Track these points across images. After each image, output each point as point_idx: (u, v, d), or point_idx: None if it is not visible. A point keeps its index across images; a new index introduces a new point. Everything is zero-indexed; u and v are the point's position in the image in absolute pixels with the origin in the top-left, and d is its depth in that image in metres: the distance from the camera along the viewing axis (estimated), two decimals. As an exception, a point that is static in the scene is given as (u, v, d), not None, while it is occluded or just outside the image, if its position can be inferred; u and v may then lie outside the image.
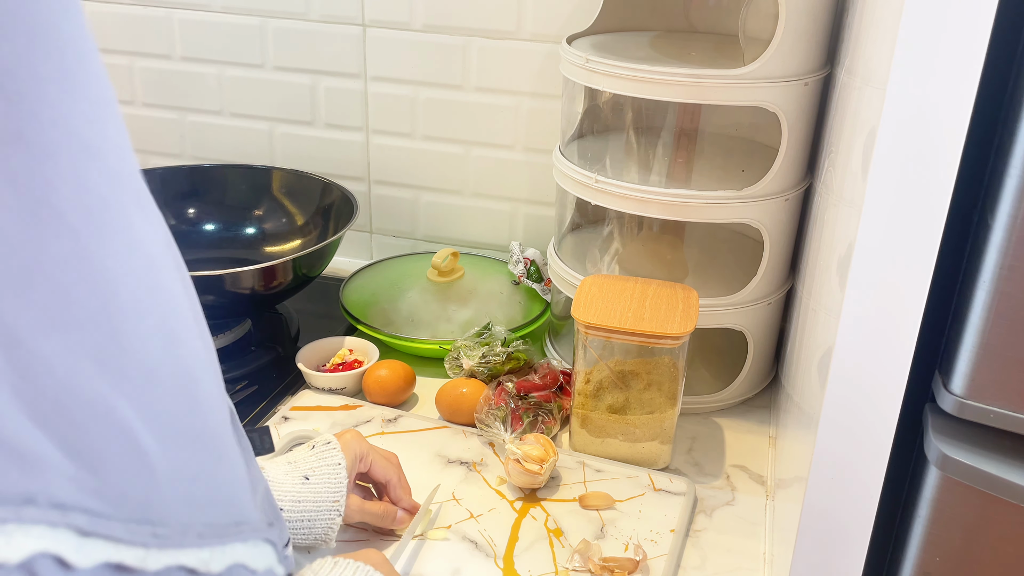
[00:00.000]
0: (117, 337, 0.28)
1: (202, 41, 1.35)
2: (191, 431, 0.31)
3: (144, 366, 0.29)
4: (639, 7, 1.14)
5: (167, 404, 0.30)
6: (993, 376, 0.61)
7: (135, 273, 0.29)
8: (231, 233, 1.32)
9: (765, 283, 1.01)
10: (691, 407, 1.05)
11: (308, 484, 0.75)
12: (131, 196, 0.30)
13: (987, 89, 0.53)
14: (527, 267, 1.22)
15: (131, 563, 0.27)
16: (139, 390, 0.29)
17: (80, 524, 0.25)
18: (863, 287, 0.57)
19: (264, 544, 0.34)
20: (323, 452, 0.78)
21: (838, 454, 0.62)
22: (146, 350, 0.29)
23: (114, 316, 0.28)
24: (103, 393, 0.27)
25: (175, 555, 0.28)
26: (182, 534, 0.29)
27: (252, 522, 0.34)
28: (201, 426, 0.32)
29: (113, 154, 0.29)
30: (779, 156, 0.94)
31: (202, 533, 0.30)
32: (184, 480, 0.30)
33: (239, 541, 0.32)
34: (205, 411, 0.32)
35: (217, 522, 0.31)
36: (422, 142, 1.31)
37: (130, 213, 0.30)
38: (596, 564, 0.79)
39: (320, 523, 0.75)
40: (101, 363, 0.27)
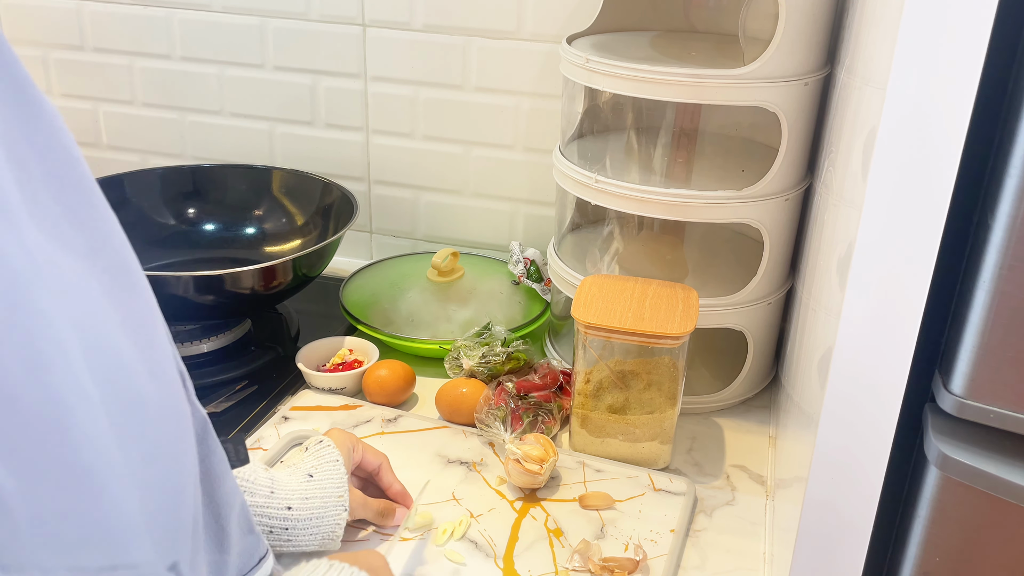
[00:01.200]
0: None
1: (202, 41, 1.35)
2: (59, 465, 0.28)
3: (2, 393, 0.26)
4: (639, 7, 1.14)
5: (28, 436, 0.27)
6: (993, 376, 0.61)
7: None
8: (231, 233, 1.32)
9: (765, 283, 1.01)
10: (691, 407, 1.05)
11: (313, 481, 0.75)
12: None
13: (987, 89, 0.53)
14: (527, 267, 1.22)
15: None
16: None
17: None
18: (863, 287, 0.57)
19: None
20: (320, 451, 0.78)
21: (838, 454, 0.62)
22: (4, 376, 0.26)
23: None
24: None
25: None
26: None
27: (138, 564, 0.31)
28: (73, 460, 0.28)
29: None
30: (779, 156, 0.94)
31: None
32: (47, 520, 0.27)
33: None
34: (79, 443, 0.29)
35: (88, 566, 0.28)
36: (422, 142, 1.31)
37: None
38: (596, 564, 0.79)
39: (328, 520, 0.75)
40: None
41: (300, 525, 0.74)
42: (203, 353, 1.12)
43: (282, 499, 0.74)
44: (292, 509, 0.74)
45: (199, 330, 1.13)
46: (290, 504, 0.74)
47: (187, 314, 1.11)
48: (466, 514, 0.86)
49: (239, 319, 1.18)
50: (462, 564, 0.80)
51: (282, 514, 0.74)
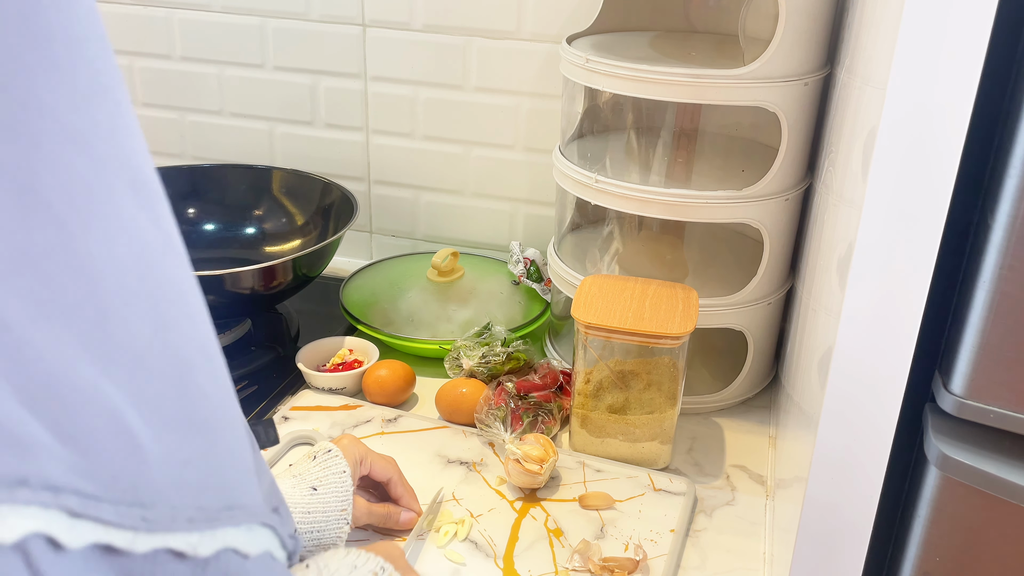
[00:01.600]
0: (104, 323, 0.28)
1: (202, 41, 1.35)
2: (182, 416, 0.31)
3: (132, 352, 0.29)
4: (639, 7, 1.14)
5: (157, 389, 0.30)
6: (993, 376, 0.61)
7: (123, 259, 0.29)
8: (231, 233, 1.32)
9: (765, 283, 1.01)
10: (691, 407, 1.05)
11: (316, 495, 0.75)
12: (123, 182, 0.30)
13: (987, 89, 0.53)
14: (527, 267, 1.22)
15: (120, 545, 0.27)
16: (128, 375, 0.29)
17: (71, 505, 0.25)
18: (863, 287, 0.57)
19: (261, 528, 0.34)
20: (326, 461, 0.78)
21: (838, 454, 0.62)
22: (134, 336, 0.29)
23: (100, 303, 0.28)
24: (91, 378, 0.27)
25: (163, 538, 0.29)
26: (171, 518, 0.29)
27: (248, 507, 0.34)
28: (193, 412, 0.32)
29: (103, 141, 0.29)
30: (779, 156, 0.94)
31: (192, 517, 0.30)
32: (174, 464, 0.30)
33: (231, 525, 0.32)
34: (197, 397, 0.32)
35: (208, 506, 0.31)
36: (422, 142, 1.31)
37: (119, 200, 0.30)
38: (596, 564, 0.79)
39: (329, 533, 0.75)
40: (89, 349, 0.27)
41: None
42: (203, 353, 1.12)
43: None
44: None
45: (199, 330, 1.13)
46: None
47: (187, 314, 1.11)
48: (467, 514, 0.86)
49: (239, 319, 1.18)
50: (462, 564, 0.80)
51: None
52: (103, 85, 0.30)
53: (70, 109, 0.28)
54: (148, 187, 0.32)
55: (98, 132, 0.29)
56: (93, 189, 0.29)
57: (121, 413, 0.28)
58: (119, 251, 0.29)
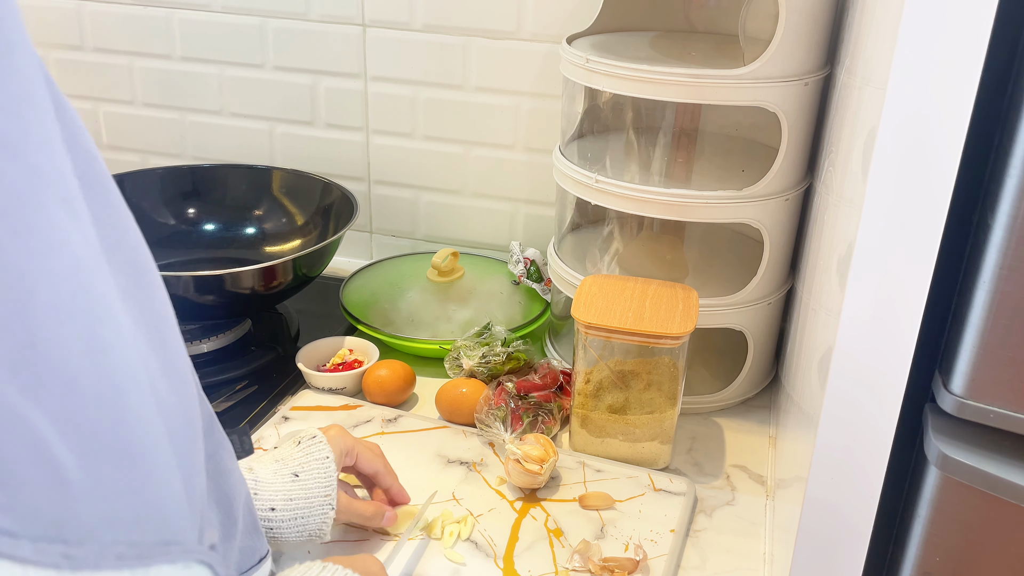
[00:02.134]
0: (33, 343, 0.26)
1: (202, 41, 1.35)
2: (115, 445, 0.29)
3: (63, 375, 0.27)
4: (639, 7, 1.14)
5: (88, 416, 0.28)
6: (993, 376, 0.61)
7: (55, 276, 0.28)
8: (231, 233, 1.32)
9: (765, 283, 1.01)
10: (691, 407, 1.05)
11: (298, 481, 0.74)
12: (55, 195, 0.29)
13: (987, 89, 0.53)
14: (527, 267, 1.22)
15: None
16: (56, 400, 0.27)
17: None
18: (863, 287, 0.57)
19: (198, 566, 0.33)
20: (310, 447, 0.77)
21: (838, 454, 0.62)
22: (65, 358, 0.28)
23: (29, 321, 0.26)
24: (15, 402, 0.26)
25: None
26: (99, 555, 0.28)
27: (184, 542, 0.32)
28: (128, 439, 0.30)
29: (34, 151, 0.28)
30: (779, 156, 0.94)
31: (121, 554, 0.28)
32: (104, 497, 0.28)
33: (166, 563, 0.31)
34: (133, 424, 0.30)
35: (141, 541, 0.30)
36: (422, 142, 1.31)
37: (52, 213, 0.28)
38: (596, 564, 0.79)
39: (314, 519, 0.75)
40: (14, 371, 0.26)
41: (284, 525, 0.73)
42: (203, 353, 1.12)
43: (265, 500, 0.73)
44: (275, 510, 0.73)
45: (199, 330, 1.13)
46: (273, 505, 0.73)
47: (187, 314, 1.11)
48: (468, 513, 0.86)
49: (239, 319, 1.18)
50: (462, 564, 0.80)
51: (265, 515, 0.73)
52: (32, 94, 0.29)
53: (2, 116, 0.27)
54: (77, 201, 0.30)
55: (28, 141, 0.28)
56: (25, 200, 0.27)
57: (46, 442, 0.26)
58: (52, 266, 0.28)
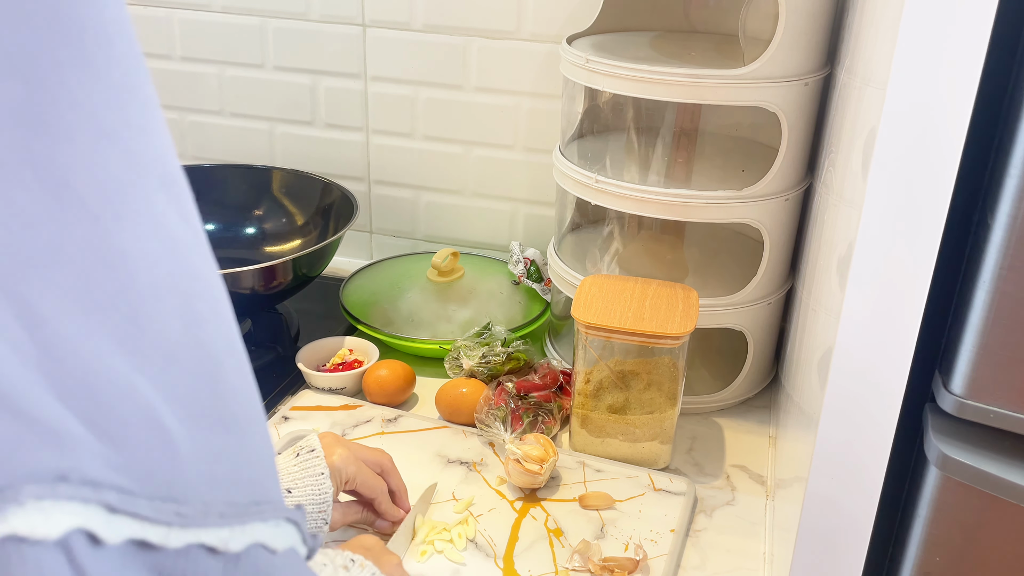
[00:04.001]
0: (136, 319, 0.28)
1: (202, 41, 1.35)
2: (213, 412, 0.31)
3: (164, 347, 0.29)
4: (639, 7, 1.14)
5: (188, 385, 0.30)
6: (993, 376, 0.61)
7: (155, 255, 0.30)
8: (231, 233, 1.32)
9: (765, 283, 1.01)
10: (691, 407, 1.05)
11: (291, 497, 0.75)
12: (154, 180, 0.30)
13: (987, 89, 0.53)
14: (527, 267, 1.22)
15: (155, 540, 0.27)
16: (160, 371, 0.29)
17: (110, 501, 0.26)
18: (863, 287, 0.57)
19: (286, 524, 0.34)
20: (307, 462, 0.77)
21: (838, 454, 0.62)
22: (166, 332, 0.29)
23: (133, 298, 0.28)
24: (126, 373, 0.28)
25: (196, 533, 0.29)
26: (204, 513, 0.29)
27: (274, 502, 0.34)
28: (223, 407, 0.32)
29: (134, 137, 0.30)
30: (779, 156, 0.94)
31: (223, 512, 0.30)
32: (206, 460, 0.30)
33: (259, 520, 0.32)
34: (227, 393, 0.32)
35: (238, 501, 0.31)
36: (422, 142, 1.31)
37: (151, 196, 0.30)
38: (596, 564, 0.79)
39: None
40: (122, 344, 0.28)
41: None
42: (203, 353, 1.12)
43: None
44: None
45: (199, 330, 1.13)
46: None
47: (187, 314, 1.11)
48: (468, 514, 0.86)
49: (239, 319, 1.17)
50: (462, 564, 0.80)
51: None
52: (133, 82, 0.30)
53: (102, 105, 0.28)
54: (177, 184, 0.32)
55: (130, 128, 0.29)
56: (125, 185, 0.29)
57: (155, 409, 0.28)
58: (151, 246, 0.29)
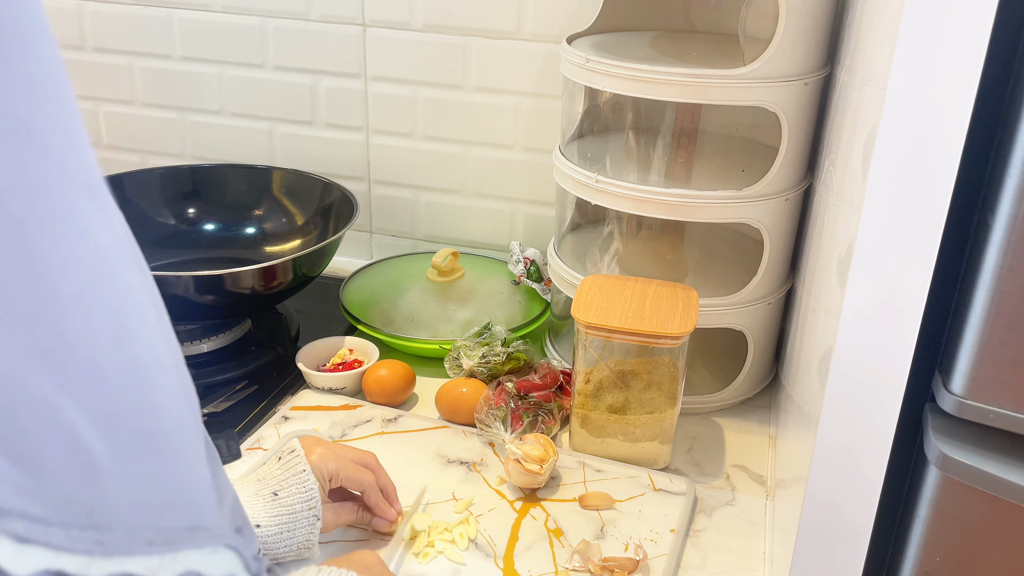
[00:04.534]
0: (61, 332, 0.27)
1: (202, 41, 1.35)
2: (143, 432, 0.29)
3: (91, 363, 0.28)
4: (639, 7, 1.14)
5: (116, 403, 0.28)
6: (993, 376, 0.61)
7: (81, 265, 0.28)
8: (231, 233, 1.32)
9: (765, 283, 1.01)
10: (691, 407, 1.05)
11: (278, 499, 0.74)
12: (79, 185, 0.29)
13: (987, 89, 0.53)
14: (527, 267, 1.22)
15: (72, 571, 0.26)
16: (85, 388, 0.27)
17: (17, 530, 0.24)
18: (863, 287, 0.57)
19: (225, 550, 0.33)
20: (289, 462, 0.77)
21: (838, 454, 0.62)
22: (93, 347, 0.28)
23: (57, 310, 0.27)
24: (45, 392, 0.26)
25: (121, 563, 0.27)
26: (129, 541, 0.28)
27: (211, 527, 0.32)
28: (154, 427, 0.30)
29: (56, 140, 0.28)
30: (779, 156, 0.94)
31: (151, 540, 0.29)
32: (134, 483, 0.29)
33: (194, 548, 0.31)
34: (159, 412, 0.30)
35: (170, 527, 0.30)
36: (422, 142, 1.31)
37: (77, 202, 0.28)
38: (596, 564, 0.79)
39: (300, 531, 0.74)
40: (43, 360, 0.26)
41: (272, 540, 0.73)
42: (203, 353, 1.12)
43: (250, 519, 0.72)
44: (260, 527, 0.73)
45: (199, 330, 1.13)
46: (258, 523, 0.73)
47: (187, 314, 1.11)
48: (468, 514, 0.86)
49: (239, 319, 1.18)
50: (462, 564, 0.80)
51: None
52: (55, 81, 0.29)
53: (24, 106, 0.27)
54: (100, 190, 0.30)
55: (52, 130, 0.28)
56: (49, 189, 0.27)
57: (77, 430, 0.26)
58: (79, 255, 0.28)
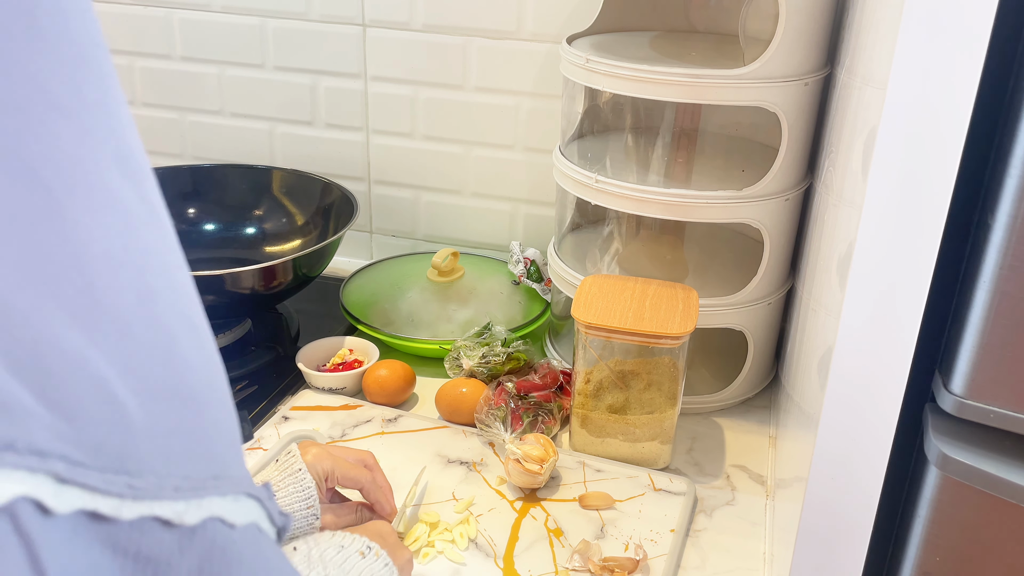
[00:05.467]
0: (89, 291, 0.28)
1: (202, 41, 1.35)
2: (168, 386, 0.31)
3: (118, 320, 0.29)
4: (639, 7, 1.14)
5: (142, 358, 0.30)
6: (993, 376, 0.61)
7: (109, 228, 0.29)
8: (231, 233, 1.32)
9: (765, 283, 1.01)
10: (691, 407, 1.05)
11: (276, 499, 0.75)
12: (108, 153, 0.30)
13: (987, 89, 0.53)
14: (527, 267, 1.22)
15: (106, 512, 0.27)
16: (113, 343, 0.29)
17: (58, 471, 0.25)
18: (863, 287, 0.57)
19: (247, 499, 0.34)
20: (285, 463, 0.78)
21: (838, 454, 0.62)
22: (120, 304, 0.29)
23: (86, 270, 0.28)
24: (78, 345, 0.27)
25: (150, 506, 0.28)
26: (158, 486, 0.29)
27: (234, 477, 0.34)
28: (178, 382, 0.31)
29: (88, 112, 0.30)
30: (779, 156, 0.94)
31: (178, 486, 0.30)
32: (160, 433, 0.30)
33: (217, 495, 0.32)
34: (183, 367, 0.32)
35: (195, 475, 0.31)
36: (422, 142, 1.31)
37: (105, 171, 0.30)
38: (596, 564, 0.79)
39: (300, 530, 0.75)
40: (75, 316, 0.27)
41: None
42: (203, 353, 1.12)
43: None
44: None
45: (199, 330, 1.13)
46: None
47: (187, 314, 1.11)
48: (468, 514, 0.86)
49: (239, 319, 1.18)
50: (462, 564, 0.80)
51: None
52: (88, 57, 0.30)
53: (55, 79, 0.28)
54: (134, 160, 0.32)
55: (84, 103, 0.29)
56: (79, 158, 0.29)
57: (107, 381, 0.28)
58: (105, 219, 0.29)
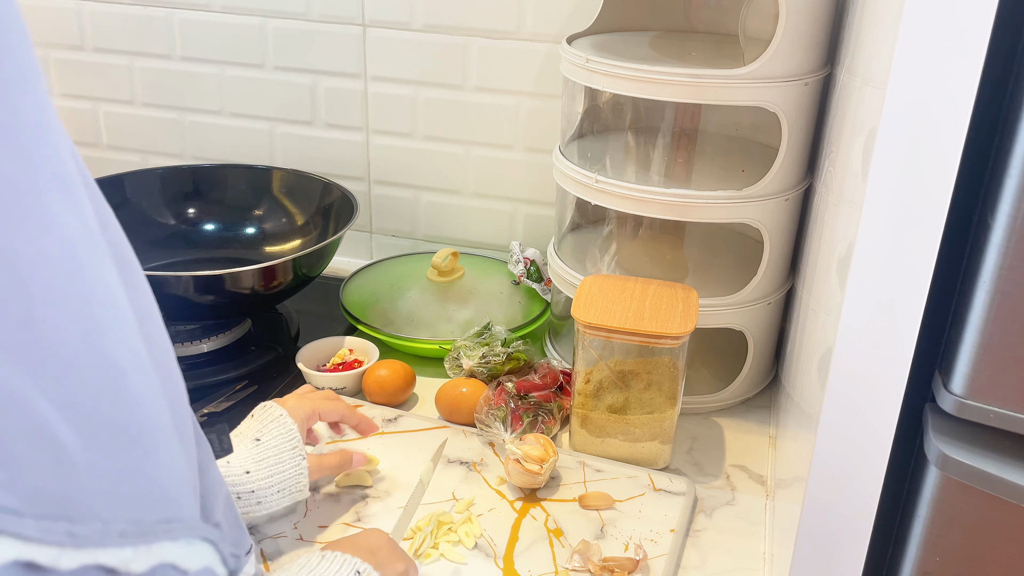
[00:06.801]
0: (30, 325, 0.27)
1: (202, 41, 1.35)
2: (115, 424, 0.29)
3: (61, 355, 0.28)
4: (639, 7, 1.14)
5: (87, 395, 0.28)
6: (993, 376, 0.61)
7: (51, 257, 0.28)
8: (231, 233, 1.32)
9: (765, 283, 1.01)
10: (691, 407, 1.05)
11: (261, 444, 0.78)
12: (48, 178, 0.29)
13: (987, 89, 0.53)
14: (527, 267, 1.22)
15: (43, 562, 0.26)
16: (56, 380, 0.27)
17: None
18: (863, 287, 0.57)
19: (201, 543, 0.33)
20: (263, 412, 0.82)
21: (838, 454, 0.62)
22: (63, 339, 0.28)
23: (26, 302, 0.27)
24: (15, 383, 0.26)
25: (92, 554, 0.27)
26: (101, 532, 0.28)
27: (186, 520, 0.32)
28: (127, 420, 0.30)
29: (27, 133, 0.28)
30: (779, 156, 0.94)
31: (124, 531, 0.29)
32: (107, 475, 0.29)
33: (168, 539, 0.31)
34: (132, 404, 0.30)
35: (143, 519, 0.30)
36: (422, 142, 1.31)
37: (46, 195, 0.28)
38: (596, 564, 0.79)
39: (288, 472, 0.78)
40: (12, 352, 0.26)
41: (263, 484, 0.77)
42: (203, 353, 1.12)
43: (238, 466, 0.77)
44: (250, 472, 0.77)
45: (199, 330, 1.13)
46: (247, 468, 0.77)
47: (187, 314, 1.11)
48: (468, 514, 0.86)
49: (239, 319, 1.18)
50: (462, 564, 0.80)
51: (243, 479, 0.76)
52: (25, 76, 0.29)
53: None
54: (73, 184, 0.30)
55: (22, 124, 0.28)
56: (19, 183, 0.27)
57: (47, 422, 0.27)
58: (48, 248, 0.28)
